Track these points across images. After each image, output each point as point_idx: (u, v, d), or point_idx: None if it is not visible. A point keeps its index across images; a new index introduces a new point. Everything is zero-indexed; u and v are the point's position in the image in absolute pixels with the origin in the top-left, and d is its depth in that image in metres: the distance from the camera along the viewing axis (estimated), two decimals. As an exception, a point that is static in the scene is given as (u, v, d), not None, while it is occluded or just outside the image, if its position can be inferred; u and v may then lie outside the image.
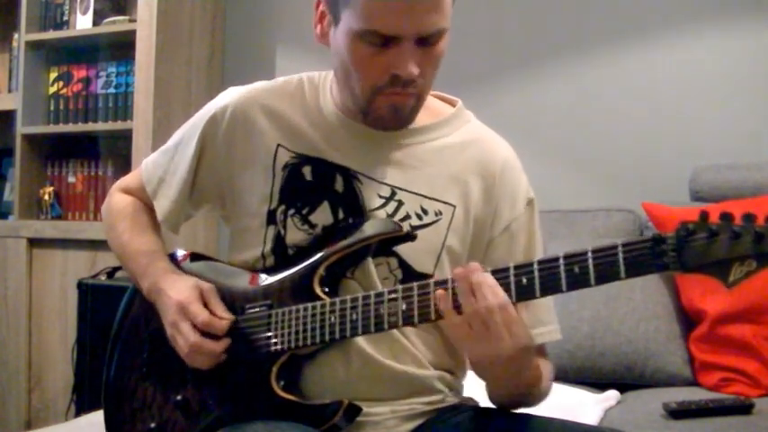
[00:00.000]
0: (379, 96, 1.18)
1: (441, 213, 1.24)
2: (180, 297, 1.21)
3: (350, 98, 1.23)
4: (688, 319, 2.18)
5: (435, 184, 1.26)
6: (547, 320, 1.27)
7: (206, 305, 1.21)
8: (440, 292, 1.08)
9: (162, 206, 1.36)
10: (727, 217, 0.95)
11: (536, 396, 1.23)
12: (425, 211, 1.24)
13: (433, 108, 1.31)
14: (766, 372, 1.99)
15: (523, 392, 1.20)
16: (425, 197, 1.25)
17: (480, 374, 1.14)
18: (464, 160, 1.28)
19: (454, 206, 1.25)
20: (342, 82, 1.24)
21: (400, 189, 1.25)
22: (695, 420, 1.75)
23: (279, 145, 1.28)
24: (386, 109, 1.20)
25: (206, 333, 1.19)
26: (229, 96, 1.33)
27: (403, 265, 1.23)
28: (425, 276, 1.21)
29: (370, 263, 1.22)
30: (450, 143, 1.29)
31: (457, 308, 1.06)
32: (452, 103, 1.35)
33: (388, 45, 1.13)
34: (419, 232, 1.23)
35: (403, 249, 1.22)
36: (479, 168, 1.28)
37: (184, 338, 1.19)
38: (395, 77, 1.15)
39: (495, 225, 1.27)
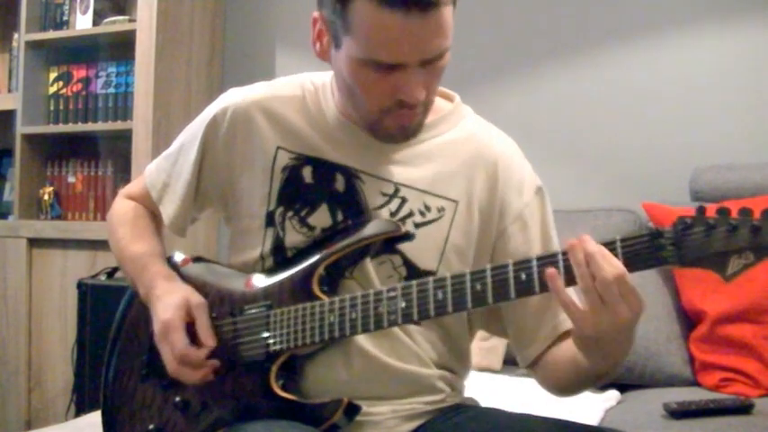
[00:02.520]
0: (387, 117, 1.18)
1: (443, 209, 1.25)
2: (165, 317, 1.20)
3: (355, 113, 1.23)
4: (688, 319, 2.18)
5: (437, 181, 1.26)
6: None
7: (193, 324, 1.20)
8: (551, 270, 1.03)
9: (168, 211, 1.37)
10: (723, 211, 0.97)
11: (616, 368, 1.16)
12: (428, 208, 1.24)
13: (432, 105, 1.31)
14: (766, 372, 1.99)
15: (614, 363, 1.13)
16: (428, 193, 1.25)
17: (586, 349, 1.08)
18: (464, 154, 1.28)
19: (456, 202, 1.25)
20: (346, 99, 1.23)
21: (403, 186, 1.25)
22: (695, 420, 1.75)
23: (278, 147, 1.28)
24: (394, 128, 1.20)
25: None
26: (229, 98, 1.33)
27: (407, 262, 1.23)
28: (430, 273, 1.21)
29: (370, 263, 1.22)
30: (450, 139, 1.29)
31: (571, 281, 1.02)
32: (450, 98, 1.35)
33: (392, 70, 1.13)
34: (422, 229, 1.23)
35: (406, 247, 1.23)
36: (480, 161, 1.28)
37: (167, 360, 1.20)
38: (401, 101, 1.15)
39: (505, 215, 1.27)
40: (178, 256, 1.35)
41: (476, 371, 1.70)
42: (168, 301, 1.22)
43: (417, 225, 1.23)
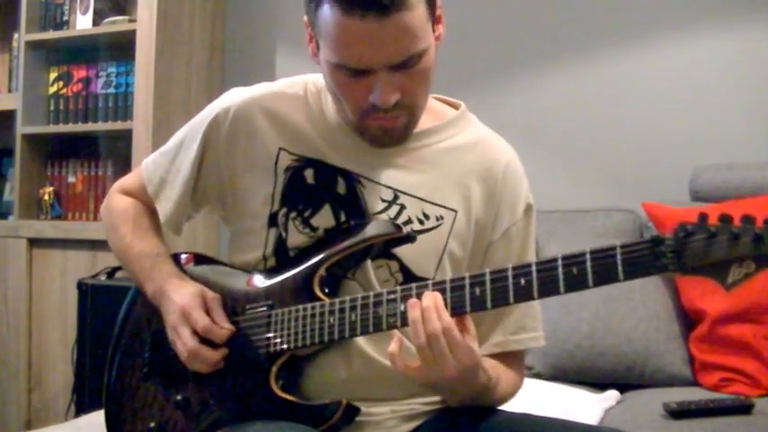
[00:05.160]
0: (368, 120, 1.19)
1: (442, 218, 1.25)
2: (183, 302, 1.22)
3: (344, 116, 1.24)
4: (688, 319, 2.18)
5: (437, 189, 1.26)
6: (530, 327, 1.28)
7: (208, 313, 1.21)
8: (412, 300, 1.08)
9: (164, 208, 1.36)
10: (725, 218, 0.94)
11: (493, 400, 1.23)
12: (427, 216, 1.24)
13: (435, 111, 1.32)
14: (766, 372, 1.99)
15: (476, 397, 1.19)
16: (427, 202, 1.25)
17: (428, 387, 1.16)
18: (466, 163, 1.28)
19: (456, 211, 1.25)
20: (334, 101, 1.25)
21: (402, 193, 1.25)
22: (695, 420, 1.75)
23: (281, 148, 1.28)
24: (377, 130, 1.20)
25: (205, 340, 1.19)
26: (232, 98, 1.33)
27: (404, 268, 1.23)
28: (426, 280, 1.20)
29: (369, 265, 1.22)
30: (453, 146, 1.29)
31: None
32: (456, 106, 1.35)
33: (361, 75, 1.13)
34: (421, 237, 1.23)
35: (404, 253, 1.23)
36: (482, 172, 1.28)
37: (183, 343, 1.20)
38: (375, 105, 1.15)
39: (495, 229, 1.28)
40: (184, 256, 1.36)
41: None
42: (185, 291, 1.24)
43: (415, 233, 1.23)
